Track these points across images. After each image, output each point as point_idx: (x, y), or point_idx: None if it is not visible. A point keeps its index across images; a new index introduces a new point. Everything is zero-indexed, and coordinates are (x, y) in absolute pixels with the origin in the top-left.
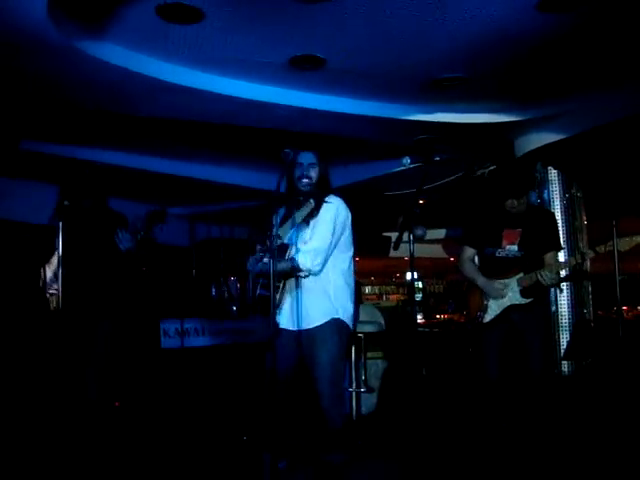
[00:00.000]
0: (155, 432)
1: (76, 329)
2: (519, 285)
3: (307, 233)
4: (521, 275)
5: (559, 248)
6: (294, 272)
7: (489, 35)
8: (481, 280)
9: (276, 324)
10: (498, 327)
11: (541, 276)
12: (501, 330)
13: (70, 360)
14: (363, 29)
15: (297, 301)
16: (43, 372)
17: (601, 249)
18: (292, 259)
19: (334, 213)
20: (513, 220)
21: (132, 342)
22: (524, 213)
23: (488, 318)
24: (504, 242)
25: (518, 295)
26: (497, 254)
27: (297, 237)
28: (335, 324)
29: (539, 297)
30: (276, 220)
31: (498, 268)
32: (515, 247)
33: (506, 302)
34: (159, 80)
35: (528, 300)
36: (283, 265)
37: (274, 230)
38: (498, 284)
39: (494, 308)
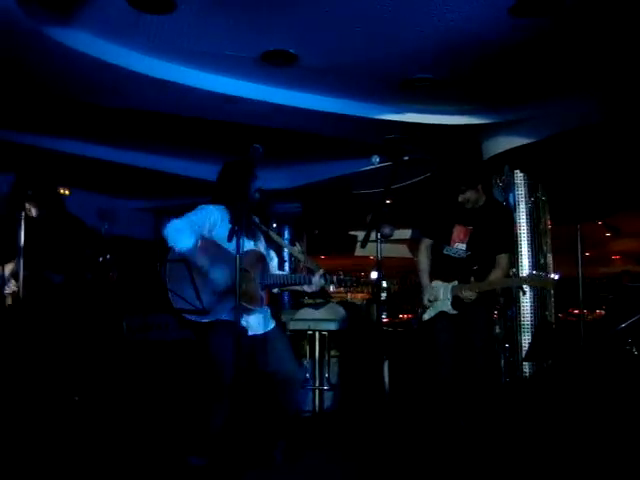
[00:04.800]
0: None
1: (38, 321)
2: (452, 293)
3: (270, 253)
4: (455, 283)
5: (511, 250)
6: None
7: (460, 37)
8: (423, 281)
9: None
10: (441, 326)
11: (461, 292)
12: (444, 330)
13: (33, 351)
14: (335, 26)
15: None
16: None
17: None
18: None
19: None
20: (466, 216)
21: (94, 337)
22: (479, 209)
23: (426, 317)
24: (453, 239)
25: (448, 304)
26: (445, 251)
27: (265, 249)
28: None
29: (465, 311)
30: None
31: (443, 267)
32: (463, 246)
33: (439, 306)
34: (129, 70)
35: (455, 312)
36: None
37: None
38: (429, 295)
39: (430, 310)
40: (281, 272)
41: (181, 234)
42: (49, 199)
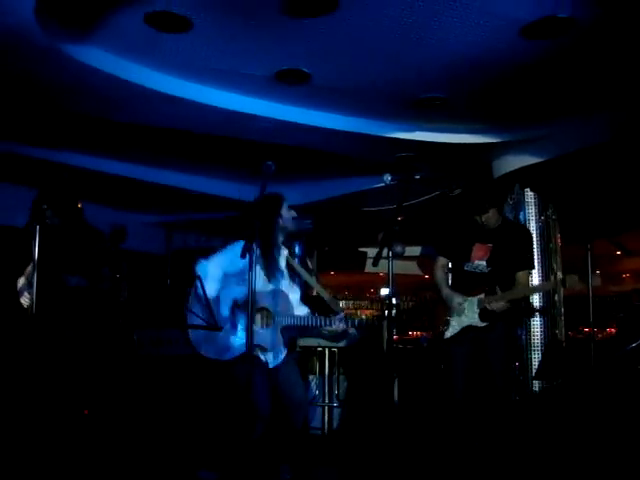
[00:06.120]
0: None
1: (52, 334)
2: (479, 307)
3: (293, 287)
4: (482, 297)
5: (531, 267)
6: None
7: (471, 58)
8: (445, 291)
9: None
10: (461, 344)
11: (489, 304)
12: (465, 348)
13: (45, 365)
14: (349, 47)
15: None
16: (17, 377)
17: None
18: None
19: None
20: (485, 235)
21: (105, 351)
22: (497, 228)
23: (449, 334)
24: (473, 256)
25: (476, 317)
26: (465, 267)
27: (287, 286)
28: None
29: (497, 321)
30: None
31: (466, 283)
32: (484, 263)
33: (465, 321)
34: (144, 87)
35: (484, 324)
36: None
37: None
38: (458, 298)
39: (454, 325)
40: (302, 312)
41: (204, 282)
42: (67, 209)
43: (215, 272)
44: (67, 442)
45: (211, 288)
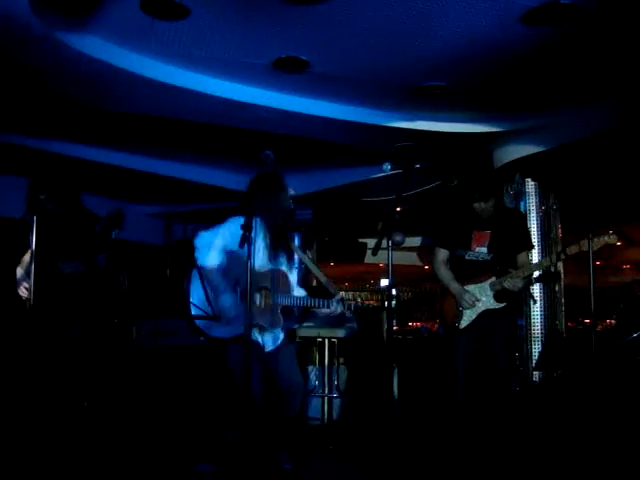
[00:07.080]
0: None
1: (50, 325)
2: (492, 289)
3: (292, 269)
4: (493, 279)
5: (530, 247)
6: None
7: (473, 46)
8: (454, 287)
9: (254, 341)
10: (470, 332)
11: (506, 282)
12: (472, 334)
13: (44, 356)
14: (348, 34)
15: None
16: (16, 368)
17: (571, 250)
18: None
19: None
20: (483, 222)
21: (103, 343)
22: (493, 215)
23: (464, 324)
24: (474, 244)
25: (492, 299)
26: (467, 257)
27: (287, 267)
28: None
29: (512, 301)
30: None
31: (469, 271)
32: (485, 249)
33: (481, 307)
34: (141, 76)
35: (502, 305)
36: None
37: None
38: (469, 296)
39: (469, 314)
40: (300, 294)
41: (208, 251)
42: (64, 193)
43: (217, 243)
44: (66, 433)
45: (214, 258)
